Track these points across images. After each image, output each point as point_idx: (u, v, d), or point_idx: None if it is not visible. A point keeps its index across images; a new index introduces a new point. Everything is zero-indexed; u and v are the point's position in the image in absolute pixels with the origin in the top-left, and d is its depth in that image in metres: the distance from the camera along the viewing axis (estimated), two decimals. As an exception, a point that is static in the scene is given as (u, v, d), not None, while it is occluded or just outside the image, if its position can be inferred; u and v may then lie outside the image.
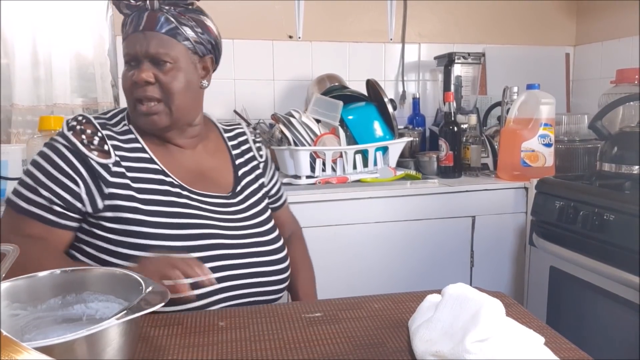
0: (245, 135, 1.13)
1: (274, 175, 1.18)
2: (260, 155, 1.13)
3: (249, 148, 1.12)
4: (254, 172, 1.10)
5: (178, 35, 0.95)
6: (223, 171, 1.06)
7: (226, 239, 0.97)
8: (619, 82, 1.84)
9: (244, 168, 1.09)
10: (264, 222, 1.05)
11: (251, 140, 1.13)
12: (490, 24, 2.36)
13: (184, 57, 0.96)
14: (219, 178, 1.04)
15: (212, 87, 2.18)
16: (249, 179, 1.08)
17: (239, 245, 0.98)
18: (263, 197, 1.09)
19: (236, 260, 0.96)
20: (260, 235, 1.02)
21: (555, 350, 0.66)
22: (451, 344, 0.61)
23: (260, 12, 2.12)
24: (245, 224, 1.01)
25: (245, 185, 1.06)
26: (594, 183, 1.52)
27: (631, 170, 1.46)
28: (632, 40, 2.11)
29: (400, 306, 0.83)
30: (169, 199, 0.94)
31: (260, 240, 1.01)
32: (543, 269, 1.62)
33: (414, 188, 1.71)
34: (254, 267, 0.98)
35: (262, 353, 0.68)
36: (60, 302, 0.69)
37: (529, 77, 2.19)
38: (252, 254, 0.98)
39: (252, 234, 1.01)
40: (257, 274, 0.98)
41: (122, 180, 0.93)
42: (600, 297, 1.40)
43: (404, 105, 2.30)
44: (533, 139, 1.75)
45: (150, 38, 0.93)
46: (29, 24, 1.87)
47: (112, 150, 0.94)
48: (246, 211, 1.03)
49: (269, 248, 1.02)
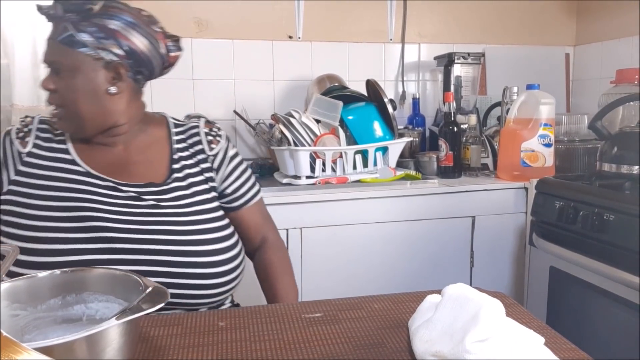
0: (197, 129, 1.09)
1: (233, 173, 1.10)
2: (211, 149, 1.08)
3: (198, 141, 1.08)
4: (199, 166, 1.06)
5: (74, 43, 0.93)
6: (154, 164, 1.04)
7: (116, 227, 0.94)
8: (618, 82, 1.85)
9: (186, 161, 1.05)
10: (192, 213, 1.00)
11: (203, 134, 1.09)
12: (490, 24, 2.36)
13: (82, 64, 0.94)
14: (147, 171, 1.03)
15: (212, 87, 2.20)
16: (190, 172, 1.05)
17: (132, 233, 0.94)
18: (209, 190, 1.06)
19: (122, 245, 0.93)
20: (180, 227, 0.97)
21: (555, 350, 0.66)
22: (451, 344, 0.61)
23: (260, 12, 2.12)
24: (164, 218, 0.97)
25: (183, 177, 1.03)
26: (594, 183, 1.52)
27: (631, 170, 1.46)
28: (632, 40, 2.11)
29: (400, 306, 0.83)
30: (66, 185, 0.96)
31: (179, 237, 0.96)
32: (543, 269, 1.62)
33: (414, 188, 1.71)
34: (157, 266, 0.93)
35: (262, 353, 0.68)
36: (60, 302, 0.69)
37: (528, 77, 2.19)
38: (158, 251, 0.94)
39: (167, 230, 0.96)
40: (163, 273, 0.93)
41: (31, 170, 0.98)
42: (600, 297, 1.40)
43: (403, 105, 2.30)
44: (533, 139, 1.75)
45: (49, 46, 0.96)
46: (29, 24, 1.87)
47: (31, 142, 1.00)
48: (174, 200, 1.00)
49: (191, 248, 0.96)
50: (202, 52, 2.08)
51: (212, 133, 1.10)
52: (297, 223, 1.61)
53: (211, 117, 2.03)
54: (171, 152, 1.06)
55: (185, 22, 2.05)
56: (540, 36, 2.41)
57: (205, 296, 0.98)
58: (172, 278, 0.94)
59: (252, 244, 1.14)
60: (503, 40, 2.37)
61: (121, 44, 0.96)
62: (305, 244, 1.62)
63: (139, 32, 0.97)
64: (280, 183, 1.75)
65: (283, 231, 1.59)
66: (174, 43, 1.05)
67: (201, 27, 2.08)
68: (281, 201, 1.58)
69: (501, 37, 2.37)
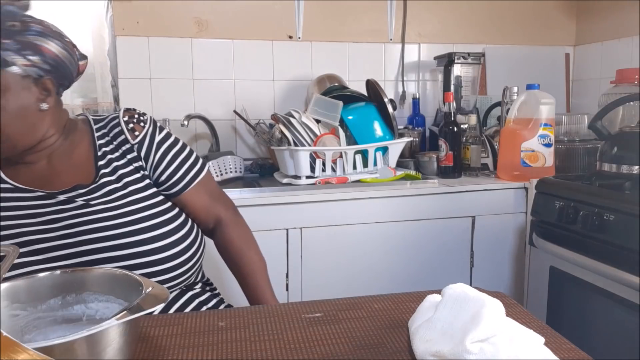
0: (117, 119, 1.06)
1: (165, 159, 1.06)
2: (135, 137, 1.05)
3: (119, 132, 1.05)
4: (126, 157, 1.04)
5: (1, 63, 0.90)
6: (81, 167, 1.02)
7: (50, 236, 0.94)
8: (618, 82, 1.85)
9: (112, 155, 1.03)
10: (125, 204, 0.99)
11: (123, 123, 1.05)
12: (490, 24, 2.36)
13: (11, 84, 0.91)
14: (74, 176, 1.00)
15: (212, 87, 2.20)
16: (118, 164, 1.03)
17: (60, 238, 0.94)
18: (141, 178, 1.03)
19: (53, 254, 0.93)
20: (113, 222, 0.96)
21: (555, 350, 0.66)
22: (451, 344, 0.61)
23: (260, 12, 2.12)
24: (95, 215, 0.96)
25: (111, 172, 1.01)
26: (594, 183, 1.52)
27: (631, 170, 1.46)
28: (632, 40, 2.11)
29: (400, 306, 0.83)
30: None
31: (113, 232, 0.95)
32: (543, 269, 1.63)
33: (414, 188, 1.71)
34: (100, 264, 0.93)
35: (262, 353, 0.68)
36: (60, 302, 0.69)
37: (528, 77, 2.19)
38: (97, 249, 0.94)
39: (99, 227, 0.95)
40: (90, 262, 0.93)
41: None
42: (600, 297, 1.40)
43: (403, 105, 2.30)
44: (533, 139, 1.75)
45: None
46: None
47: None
48: (105, 196, 0.98)
49: (128, 239, 0.96)
50: (202, 52, 2.08)
51: (134, 120, 1.06)
52: (297, 223, 1.61)
53: (211, 117, 2.04)
54: (95, 150, 1.03)
55: (185, 22, 2.05)
56: (540, 36, 2.41)
57: (161, 281, 0.96)
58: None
59: (206, 226, 1.11)
60: (503, 40, 2.37)
61: (46, 58, 0.94)
62: (305, 244, 1.62)
63: (59, 45, 0.96)
64: (280, 183, 1.75)
65: (283, 231, 1.59)
66: (79, 52, 1.05)
67: (201, 27, 2.08)
68: (281, 201, 1.58)
69: (501, 37, 2.37)
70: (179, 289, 1.03)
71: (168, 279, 0.99)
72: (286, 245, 1.60)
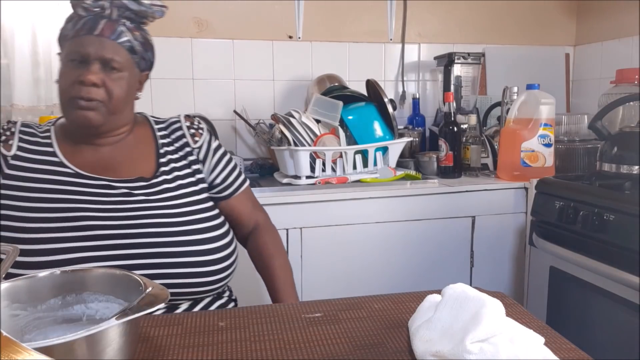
0: (179, 124, 1.13)
1: (220, 163, 1.13)
2: (195, 141, 1.11)
3: (181, 135, 1.11)
4: (187, 158, 1.09)
5: (129, 48, 1.02)
6: (142, 160, 1.06)
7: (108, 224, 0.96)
8: (618, 82, 1.85)
9: (172, 155, 1.08)
10: (180, 205, 1.02)
11: (185, 128, 1.12)
12: (490, 24, 2.36)
13: (129, 68, 1.02)
14: (136, 167, 1.04)
15: (212, 87, 2.20)
16: (175, 165, 1.07)
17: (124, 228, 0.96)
18: (196, 182, 1.07)
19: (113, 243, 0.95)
20: (170, 220, 0.99)
21: (555, 350, 0.66)
22: (451, 344, 0.61)
23: (260, 12, 2.12)
24: (157, 210, 0.99)
25: (169, 171, 1.05)
26: (594, 183, 1.52)
27: (631, 170, 1.46)
28: (632, 40, 2.11)
29: (400, 306, 0.83)
30: (55, 187, 0.97)
31: (169, 229, 0.98)
32: (543, 269, 1.62)
33: (414, 188, 1.71)
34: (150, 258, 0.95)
35: (262, 353, 0.68)
36: (60, 302, 0.69)
37: (528, 77, 2.19)
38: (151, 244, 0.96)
39: (158, 223, 0.98)
40: (157, 264, 0.95)
41: (17, 173, 0.98)
42: (600, 297, 1.40)
43: (403, 105, 2.30)
44: (533, 139, 1.75)
45: (105, 43, 0.98)
46: (29, 24, 1.87)
47: (17, 144, 1.01)
48: (162, 193, 1.02)
49: (181, 238, 0.99)
50: (202, 52, 2.08)
51: (194, 126, 1.13)
52: (297, 223, 1.61)
53: (211, 117, 2.04)
54: (157, 147, 1.08)
55: (185, 22, 2.05)
56: (540, 36, 2.41)
57: (202, 284, 1.00)
58: (166, 268, 0.96)
59: (245, 230, 1.17)
60: (503, 40, 2.37)
61: (151, 59, 1.08)
62: (305, 244, 1.62)
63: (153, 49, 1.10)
64: (280, 183, 1.75)
65: (283, 231, 1.59)
66: None
67: (201, 27, 2.08)
68: (281, 201, 1.58)
69: (501, 37, 2.37)
70: (211, 296, 1.05)
71: (205, 282, 1.01)
72: (286, 245, 1.60)
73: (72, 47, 0.99)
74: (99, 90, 0.97)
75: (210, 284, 1.01)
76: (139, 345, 0.69)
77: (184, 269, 0.98)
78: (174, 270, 0.97)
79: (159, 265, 0.96)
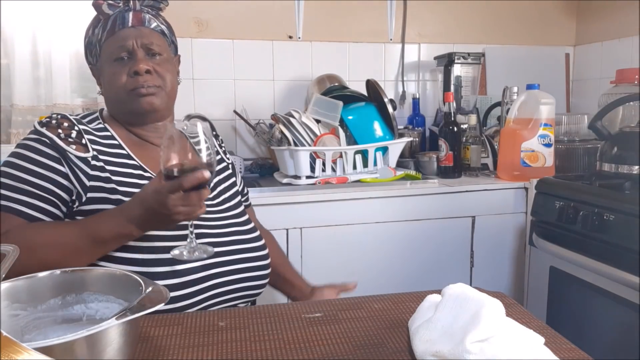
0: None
1: (239, 176, 1.23)
2: (227, 158, 1.19)
3: (216, 151, 1.15)
4: (225, 172, 1.13)
5: (161, 32, 1.04)
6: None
7: (210, 232, 0.98)
8: (618, 82, 1.84)
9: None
10: (239, 214, 1.07)
11: (217, 143, 1.19)
12: (490, 24, 2.36)
13: (167, 50, 1.04)
14: None
15: (212, 87, 2.20)
16: (220, 177, 1.10)
17: (222, 239, 1.00)
18: (236, 193, 1.12)
19: (222, 257, 0.98)
20: (240, 227, 1.04)
21: (555, 350, 0.66)
22: (451, 344, 0.61)
23: (260, 12, 2.12)
24: (225, 220, 1.03)
25: (218, 182, 1.08)
26: (594, 183, 1.52)
27: (631, 170, 1.46)
28: (632, 40, 2.11)
29: (400, 306, 0.83)
30: (136, 188, 0.96)
31: (243, 236, 1.03)
32: (543, 269, 1.62)
33: (414, 188, 1.71)
34: (240, 264, 1.00)
35: (262, 353, 0.68)
36: (60, 302, 0.69)
37: (528, 77, 2.19)
38: (235, 250, 1.00)
39: (233, 230, 1.02)
40: (242, 269, 1.00)
41: (102, 174, 0.93)
42: (600, 297, 1.40)
43: (404, 105, 2.30)
44: (533, 139, 1.75)
45: (142, 31, 1.00)
46: (29, 24, 1.87)
47: (90, 145, 0.95)
48: (222, 204, 1.05)
49: (252, 244, 1.04)
50: (202, 52, 2.08)
51: (222, 144, 1.22)
52: (297, 223, 1.61)
53: (211, 117, 2.04)
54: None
55: (185, 22, 2.05)
56: (540, 36, 2.41)
57: (263, 285, 1.05)
58: (243, 273, 1.00)
59: None
60: (503, 40, 2.37)
61: (176, 42, 1.10)
62: (305, 244, 1.62)
63: None
64: (280, 183, 1.75)
65: (283, 231, 1.59)
66: None
67: (201, 27, 2.08)
68: (281, 201, 1.58)
69: (501, 37, 2.37)
70: (249, 302, 1.06)
71: (263, 284, 1.06)
72: (286, 245, 1.60)
73: (113, 46, 0.98)
74: (153, 77, 0.98)
75: (260, 287, 1.05)
76: (139, 345, 0.69)
77: (249, 269, 1.01)
78: (247, 274, 1.00)
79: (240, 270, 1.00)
